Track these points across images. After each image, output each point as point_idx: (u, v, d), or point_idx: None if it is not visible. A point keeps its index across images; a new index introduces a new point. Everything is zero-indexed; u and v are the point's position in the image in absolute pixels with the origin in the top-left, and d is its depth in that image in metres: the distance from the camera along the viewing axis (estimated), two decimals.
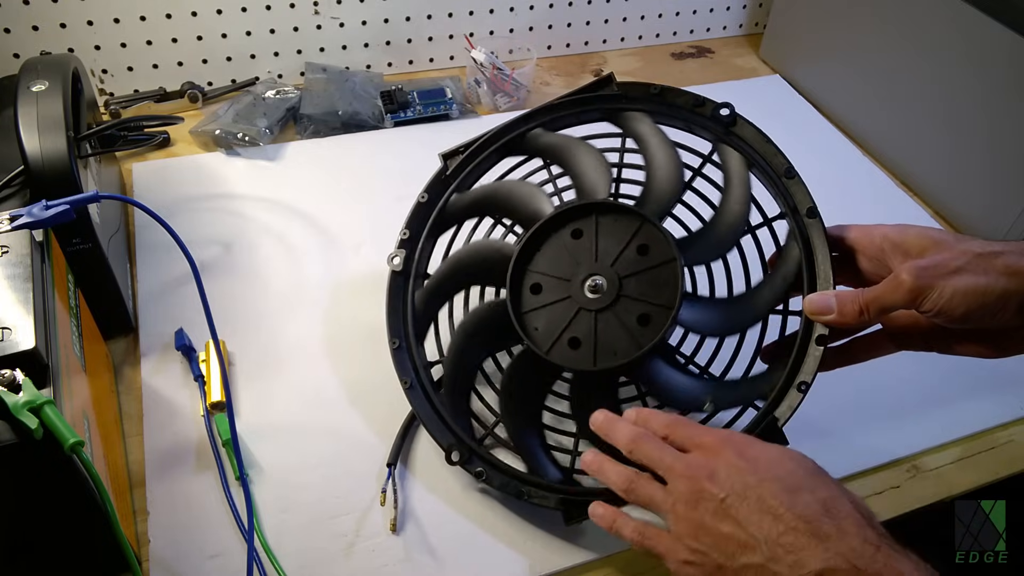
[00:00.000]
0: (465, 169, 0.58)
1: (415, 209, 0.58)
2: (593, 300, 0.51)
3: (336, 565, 0.49)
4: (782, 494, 0.38)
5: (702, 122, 0.54)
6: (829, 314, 0.46)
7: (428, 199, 0.58)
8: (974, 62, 0.74)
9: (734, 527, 0.38)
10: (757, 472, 0.39)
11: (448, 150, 0.58)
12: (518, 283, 0.53)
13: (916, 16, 0.80)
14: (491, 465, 0.51)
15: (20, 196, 0.54)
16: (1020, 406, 0.62)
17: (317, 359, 0.61)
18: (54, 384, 0.38)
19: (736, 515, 0.38)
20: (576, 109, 0.58)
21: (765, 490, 0.38)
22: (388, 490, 0.52)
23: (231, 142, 0.80)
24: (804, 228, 0.49)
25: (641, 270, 0.50)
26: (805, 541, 0.36)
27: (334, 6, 0.88)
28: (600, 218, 0.52)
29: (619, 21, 1.02)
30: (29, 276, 0.41)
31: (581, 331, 0.50)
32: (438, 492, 0.53)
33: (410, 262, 0.57)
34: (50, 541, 0.42)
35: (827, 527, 0.37)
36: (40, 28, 0.78)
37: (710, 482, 0.40)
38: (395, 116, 0.86)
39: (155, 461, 0.53)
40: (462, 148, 0.58)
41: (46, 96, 0.55)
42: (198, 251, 0.68)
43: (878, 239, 0.47)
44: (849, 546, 0.36)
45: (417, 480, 0.54)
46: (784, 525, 0.37)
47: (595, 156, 0.56)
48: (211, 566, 0.48)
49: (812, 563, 0.36)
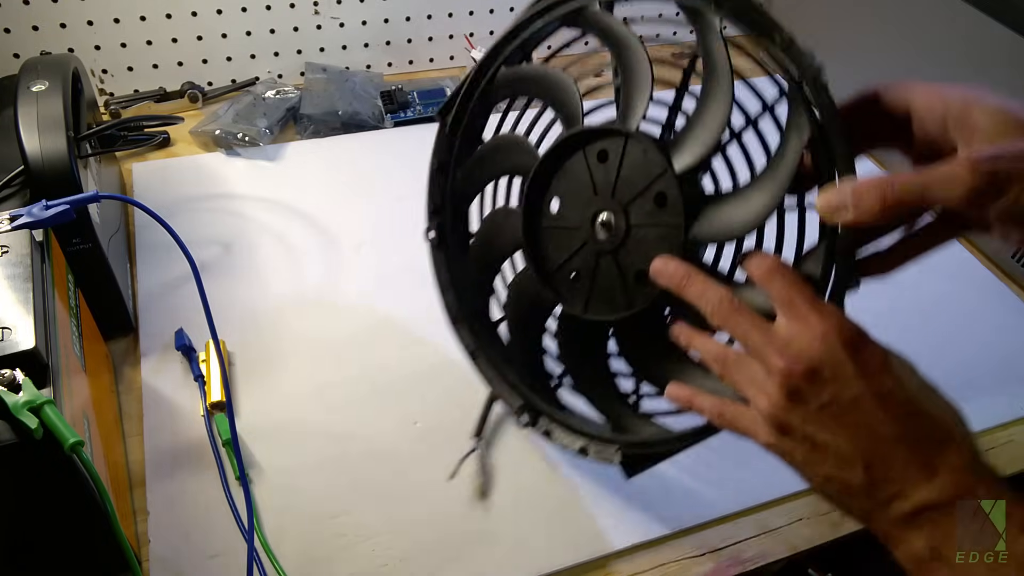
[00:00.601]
0: (464, 115, 0.53)
1: (431, 178, 0.56)
2: (606, 241, 0.47)
3: (336, 565, 0.49)
4: (893, 408, 0.35)
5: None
6: (844, 212, 0.36)
7: (438, 164, 0.55)
8: (974, 62, 0.74)
9: (831, 436, 0.35)
10: (866, 376, 0.35)
11: (443, 105, 0.55)
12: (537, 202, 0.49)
13: (917, 17, 0.80)
14: (555, 422, 0.51)
15: (20, 196, 0.54)
16: (1020, 406, 0.62)
17: (317, 359, 0.61)
18: (54, 384, 0.38)
19: (833, 425, 0.35)
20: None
21: (869, 404, 0.35)
22: (474, 458, 0.54)
23: (231, 142, 0.80)
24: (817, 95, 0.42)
25: (649, 224, 0.45)
26: (910, 472, 0.34)
27: (334, 6, 0.88)
28: (627, 147, 0.46)
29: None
30: (29, 276, 0.41)
31: (585, 268, 0.48)
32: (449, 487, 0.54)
33: (444, 231, 0.56)
34: (50, 541, 0.42)
35: (936, 458, 0.34)
36: (40, 28, 0.78)
37: (808, 381, 0.35)
38: (395, 116, 0.86)
39: (155, 461, 0.53)
40: (453, 98, 0.54)
41: (46, 96, 0.55)
42: (198, 251, 0.68)
43: (939, 105, 0.38)
44: (955, 480, 0.34)
45: (430, 474, 0.54)
46: (887, 448, 0.34)
47: (644, 61, 0.49)
48: (211, 566, 0.48)
49: (915, 497, 0.34)
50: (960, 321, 0.69)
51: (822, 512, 0.54)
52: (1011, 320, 0.70)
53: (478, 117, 0.54)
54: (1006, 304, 0.72)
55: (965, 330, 0.68)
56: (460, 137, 0.54)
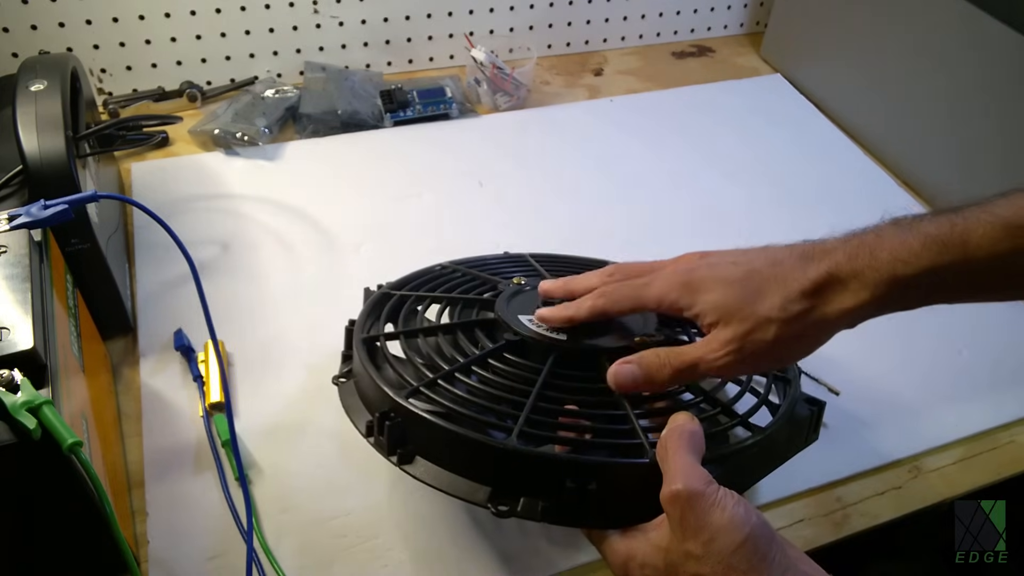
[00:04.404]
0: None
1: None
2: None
3: (336, 565, 0.49)
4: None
5: None
6: (638, 387, 0.43)
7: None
8: (976, 61, 0.74)
9: None
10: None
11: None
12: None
13: (918, 15, 0.79)
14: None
15: (18, 196, 0.54)
16: (1021, 406, 0.62)
17: (317, 359, 0.61)
18: (52, 384, 0.38)
19: None
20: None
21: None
22: None
23: (230, 141, 0.80)
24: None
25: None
26: None
27: (333, 5, 0.87)
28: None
29: (620, 20, 1.02)
30: (27, 276, 0.41)
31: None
32: None
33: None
34: (48, 542, 0.42)
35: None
36: (39, 27, 0.77)
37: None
38: (395, 115, 0.86)
39: (154, 462, 0.53)
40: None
41: (45, 96, 0.55)
42: (197, 251, 0.68)
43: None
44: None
45: None
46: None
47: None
48: (210, 567, 0.48)
49: None
50: (960, 321, 0.69)
51: (823, 513, 0.54)
52: (1012, 320, 0.70)
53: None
54: (1007, 304, 0.72)
55: (965, 330, 0.68)
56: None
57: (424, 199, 0.77)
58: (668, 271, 0.45)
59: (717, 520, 0.35)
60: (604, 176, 0.82)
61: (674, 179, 0.83)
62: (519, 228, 0.75)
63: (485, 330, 0.50)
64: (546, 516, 0.39)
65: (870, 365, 0.64)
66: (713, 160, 0.86)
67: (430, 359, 0.47)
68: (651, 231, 0.76)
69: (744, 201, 0.81)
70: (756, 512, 0.36)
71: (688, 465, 0.37)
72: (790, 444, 0.47)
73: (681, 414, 0.41)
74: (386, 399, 0.43)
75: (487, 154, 0.84)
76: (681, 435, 0.39)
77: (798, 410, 0.48)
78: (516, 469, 0.40)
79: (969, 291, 0.40)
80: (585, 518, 0.40)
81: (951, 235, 0.38)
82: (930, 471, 0.58)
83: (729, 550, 0.34)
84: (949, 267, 0.38)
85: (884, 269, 0.39)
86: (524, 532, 0.51)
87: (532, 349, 0.47)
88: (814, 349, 0.42)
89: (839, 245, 0.41)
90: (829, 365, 0.62)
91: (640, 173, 0.83)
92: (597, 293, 0.46)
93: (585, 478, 0.39)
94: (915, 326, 0.68)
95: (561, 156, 0.85)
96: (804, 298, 0.40)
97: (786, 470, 0.46)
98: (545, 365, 0.45)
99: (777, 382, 0.50)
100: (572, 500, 0.39)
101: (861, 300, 0.39)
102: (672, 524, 0.37)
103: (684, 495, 0.36)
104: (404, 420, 0.42)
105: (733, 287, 0.41)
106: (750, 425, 0.45)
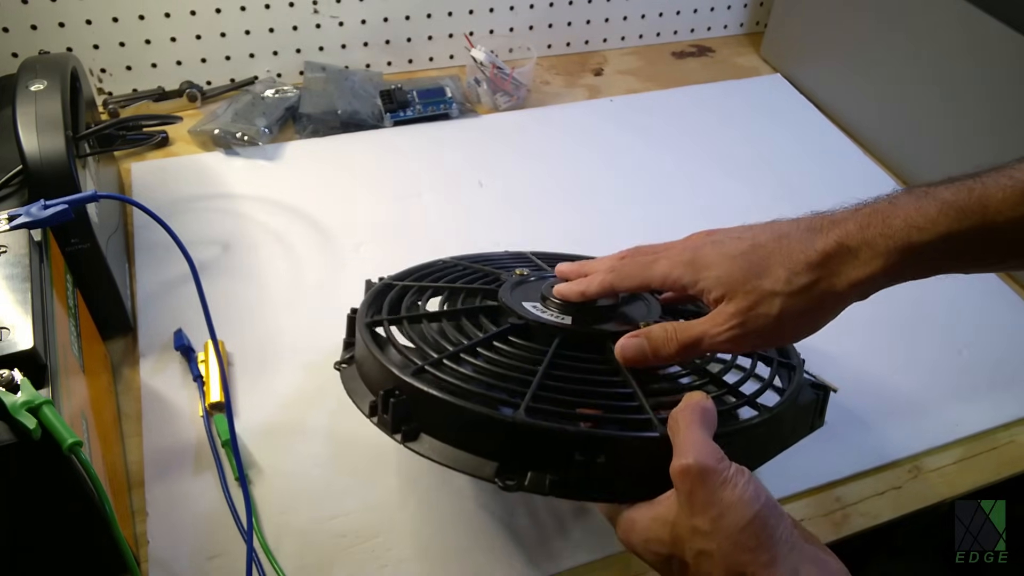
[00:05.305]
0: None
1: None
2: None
3: (336, 565, 0.49)
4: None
5: None
6: (646, 360, 0.43)
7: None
8: (976, 61, 0.74)
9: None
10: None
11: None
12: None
13: (917, 15, 0.79)
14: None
15: (18, 196, 0.54)
16: (1021, 406, 0.62)
17: (317, 359, 0.61)
18: (52, 384, 0.38)
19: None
20: None
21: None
22: None
23: (230, 141, 0.80)
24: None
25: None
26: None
27: (333, 5, 0.87)
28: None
29: (619, 20, 1.02)
30: (27, 276, 0.41)
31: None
32: (449, 487, 0.53)
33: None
34: (49, 542, 0.42)
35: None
36: (38, 27, 0.77)
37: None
38: (394, 115, 0.86)
39: (154, 462, 0.53)
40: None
41: (45, 95, 0.55)
42: (197, 251, 0.68)
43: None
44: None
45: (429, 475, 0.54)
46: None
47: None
48: (210, 567, 0.48)
49: None
50: (961, 321, 0.69)
51: (823, 513, 0.54)
52: (1012, 320, 0.70)
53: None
54: (1007, 304, 0.72)
55: (966, 330, 0.68)
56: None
57: (424, 199, 0.77)
58: (676, 250, 0.45)
59: (727, 497, 0.35)
60: (604, 176, 0.82)
61: (674, 179, 0.83)
62: (519, 228, 0.75)
63: (489, 316, 0.50)
64: (554, 490, 0.39)
65: (870, 364, 0.64)
66: (713, 160, 0.86)
67: (435, 342, 0.47)
68: (651, 230, 0.76)
69: (744, 201, 0.81)
70: (765, 491, 0.36)
71: (700, 440, 0.37)
72: (796, 428, 0.47)
73: (695, 392, 0.40)
74: (390, 377, 0.43)
75: (487, 154, 0.84)
76: (694, 410, 0.38)
77: (804, 395, 0.48)
78: (524, 443, 0.39)
79: (987, 257, 0.39)
80: (592, 492, 0.40)
81: (969, 200, 0.37)
82: (930, 471, 0.58)
83: (738, 527, 0.34)
84: (967, 233, 0.37)
85: (898, 236, 0.38)
86: (524, 532, 0.51)
87: (537, 333, 0.47)
88: (823, 324, 0.41)
89: (849, 215, 0.40)
90: (829, 364, 0.62)
91: (640, 173, 0.83)
92: (607, 268, 0.47)
93: (594, 451, 0.38)
94: (916, 326, 0.68)
95: (561, 156, 0.85)
96: (810, 270, 0.39)
97: (786, 470, 0.46)
98: (550, 347, 0.45)
99: (782, 369, 0.50)
100: (580, 474, 0.39)
101: (873, 270, 0.38)
102: (681, 498, 0.36)
103: (695, 470, 0.35)
104: (409, 397, 0.42)
105: (737, 261, 0.41)
106: (757, 405, 0.45)
